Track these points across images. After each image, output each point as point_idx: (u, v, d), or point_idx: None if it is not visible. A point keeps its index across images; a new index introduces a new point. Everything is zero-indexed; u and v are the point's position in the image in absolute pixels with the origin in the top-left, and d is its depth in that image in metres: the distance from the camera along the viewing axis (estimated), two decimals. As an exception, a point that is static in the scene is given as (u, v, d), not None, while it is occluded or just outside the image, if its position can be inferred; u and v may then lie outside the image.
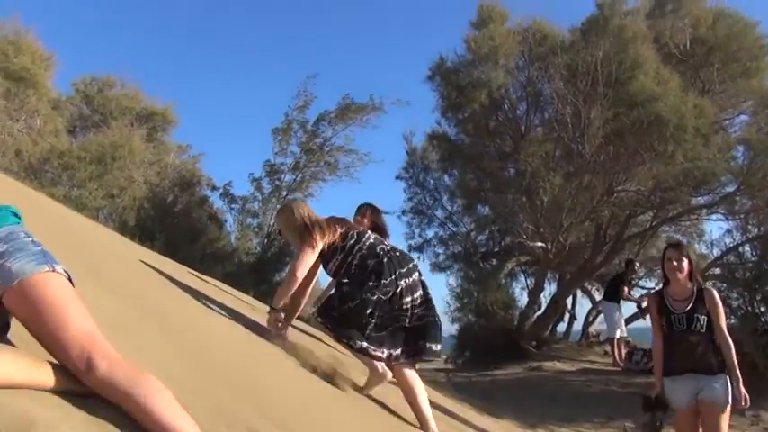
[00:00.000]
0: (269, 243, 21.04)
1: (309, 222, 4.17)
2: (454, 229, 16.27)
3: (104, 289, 2.92)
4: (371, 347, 3.94)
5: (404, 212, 16.47)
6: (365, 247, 4.14)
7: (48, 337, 1.59)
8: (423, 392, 4.16)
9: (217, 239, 16.20)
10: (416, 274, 4.11)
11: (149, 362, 1.72)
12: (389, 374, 4.19)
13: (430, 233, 16.43)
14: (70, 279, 1.73)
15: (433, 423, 4.11)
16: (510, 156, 13.68)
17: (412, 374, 4.12)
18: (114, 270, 4.10)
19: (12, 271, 1.60)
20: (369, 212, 5.42)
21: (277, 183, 22.87)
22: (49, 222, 4.28)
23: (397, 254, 4.16)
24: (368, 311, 3.90)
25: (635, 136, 11.34)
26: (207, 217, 16.29)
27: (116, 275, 3.85)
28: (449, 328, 14.58)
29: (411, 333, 4.04)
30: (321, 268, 4.42)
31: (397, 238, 15.99)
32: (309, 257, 4.10)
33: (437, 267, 15.91)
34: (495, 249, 15.87)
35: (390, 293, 3.94)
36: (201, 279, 5.88)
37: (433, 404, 5.23)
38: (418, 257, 16.25)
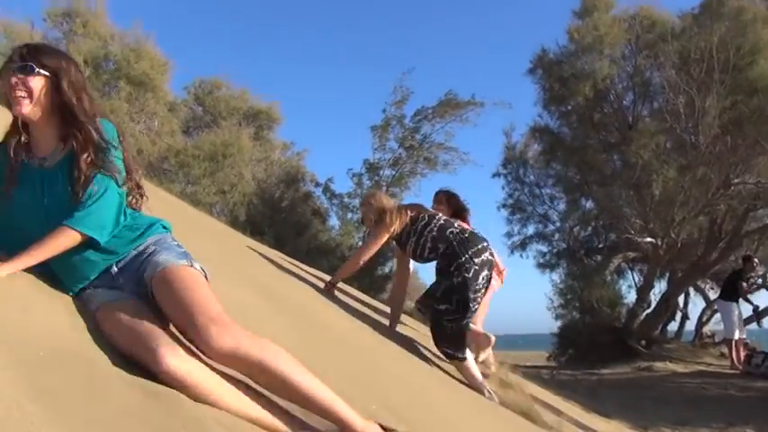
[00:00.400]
0: (373, 238, 21.46)
1: (383, 209, 4.51)
2: (556, 225, 15.92)
3: (225, 277, 3.14)
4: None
5: (504, 206, 16.27)
6: (435, 230, 4.36)
7: (181, 314, 1.77)
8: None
9: (321, 234, 16.68)
10: (487, 253, 4.31)
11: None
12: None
13: (530, 230, 16.16)
14: (206, 276, 1.96)
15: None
16: (616, 147, 13.21)
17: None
18: (236, 260, 4.38)
19: (158, 262, 1.89)
20: (444, 198, 5.47)
21: (376, 178, 23.24)
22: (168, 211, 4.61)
23: (466, 235, 4.35)
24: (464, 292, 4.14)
25: (755, 125, 10.66)
26: (311, 212, 16.81)
27: (238, 265, 4.11)
28: (551, 324, 14.32)
29: None
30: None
31: (495, 237, 15.86)
32: (377, 243, 4.52)
33: (543, 266, 15.61)
34: (600, 245, 15.39)
35: (471, 272, 4.15)
36: (310, 273, 6.12)
37: (539, 400, 5.21)
38: (520, 256, 16.06)
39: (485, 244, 4.34)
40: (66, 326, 1.72)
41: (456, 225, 4.49)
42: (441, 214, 4.63)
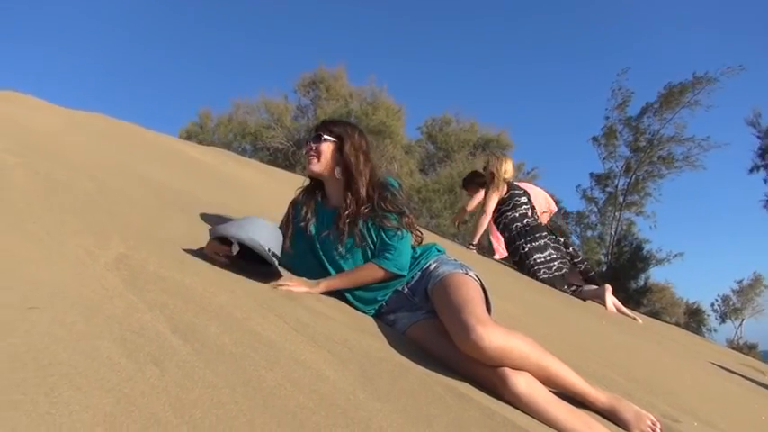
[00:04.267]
0: (619, 252, 20.30)
1: (492, 176, 5.66)
2: None
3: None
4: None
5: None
6: (508, 219, 5.49)
7: (450, 314, 1.95)
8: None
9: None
10: (546, 239, 5.35)
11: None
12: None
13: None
14: (483, 286, 2.18)
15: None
16: None
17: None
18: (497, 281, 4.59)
19: (439, 272, 2.20)
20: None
21: (609, 190, 22.10)
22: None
23: (527, 228, 5.41)
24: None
25: None
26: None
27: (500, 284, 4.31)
28: None
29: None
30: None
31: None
32: (489, 206, 5.60)
33: None
34: None
35: (527, 250, 5.35)
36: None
37: None
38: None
39: (543, 233, 5.39)
40: (381, 340, 2.04)
41: (526, 221, 5.44)
42: (527, 202, 5.56)
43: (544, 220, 6.12)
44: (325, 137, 2.36)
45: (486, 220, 5.68)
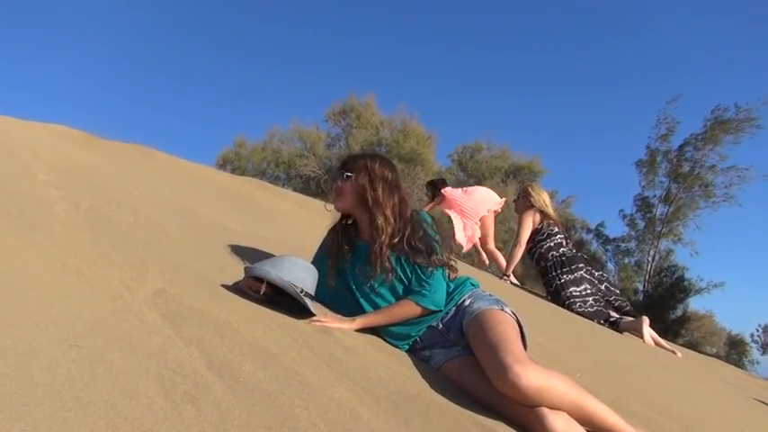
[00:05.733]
0: (658, 281, 19.85)
1: (528, 205, 5.64)
2: None
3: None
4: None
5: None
6: (543, 249, 5.42)
7: (487, 352, 1.93)
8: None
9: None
10: (582, 272, 5.27)
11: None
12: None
13: None
14: (519, 321, 2.15)
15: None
16: None
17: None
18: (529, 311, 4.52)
19: (474, 308, 2.18)
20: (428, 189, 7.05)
21: (648, 216, 21.76)
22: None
23: (563, 259, 5.35)
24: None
25: None
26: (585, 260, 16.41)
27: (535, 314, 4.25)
28: None
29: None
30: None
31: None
32: (523, 234, 5.55)
33: None
34: None
35: (562, 281, 5.25)
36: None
37: None
38: None
39: (579, 265, 5.30)
40: (415, 377, 2.02)
41: (561, 250, 5.38)
42: (561, 232, 5.53)
43: (492, 218, 6.59)
44: (347, 174, 2.36)
45: (520, 251, 5.62)
